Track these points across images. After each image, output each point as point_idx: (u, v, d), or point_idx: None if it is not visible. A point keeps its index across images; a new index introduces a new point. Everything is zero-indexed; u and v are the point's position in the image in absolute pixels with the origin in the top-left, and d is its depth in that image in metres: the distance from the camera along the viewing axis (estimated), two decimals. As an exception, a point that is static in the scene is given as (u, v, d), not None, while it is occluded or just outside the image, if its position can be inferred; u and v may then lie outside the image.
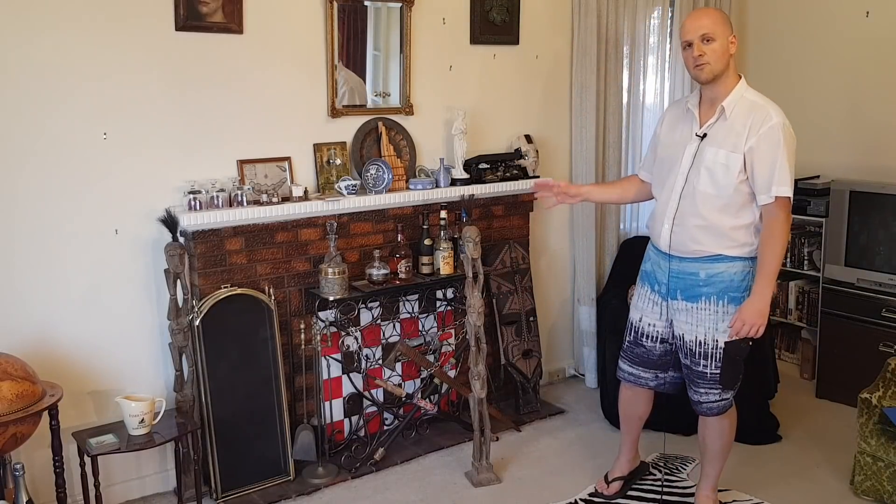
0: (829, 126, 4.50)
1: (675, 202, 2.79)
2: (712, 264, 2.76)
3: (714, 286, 2.76)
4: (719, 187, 2.70)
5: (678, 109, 2.93)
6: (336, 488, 3.34)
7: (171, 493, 3.31)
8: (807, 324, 4.49)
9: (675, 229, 2.79)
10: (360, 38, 3.55)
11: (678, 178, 2.79)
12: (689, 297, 2.81)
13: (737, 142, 2.66)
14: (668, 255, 2.84)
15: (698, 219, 2.74)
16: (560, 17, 4.19)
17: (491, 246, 3.98)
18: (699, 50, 2.67)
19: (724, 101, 2.70)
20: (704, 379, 2.83)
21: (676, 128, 2.87)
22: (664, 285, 2.88)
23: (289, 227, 3.37)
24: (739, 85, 2.73)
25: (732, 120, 2.69)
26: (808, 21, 4.56)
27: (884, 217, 3.99)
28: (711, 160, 2.70)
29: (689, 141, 2.78)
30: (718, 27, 2.66)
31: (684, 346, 2.86)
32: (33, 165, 2.90)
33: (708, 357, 2.80)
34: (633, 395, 3.16)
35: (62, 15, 2.87)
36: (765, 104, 2.68)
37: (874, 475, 3.18)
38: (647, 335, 2.99)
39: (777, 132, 2.62)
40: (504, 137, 4.11)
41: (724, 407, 2.89)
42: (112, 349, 3.14)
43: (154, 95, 3.09)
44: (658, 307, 2.93)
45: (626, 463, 3.28)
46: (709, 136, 2.73)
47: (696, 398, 2.90)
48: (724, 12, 2.81)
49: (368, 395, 3.68)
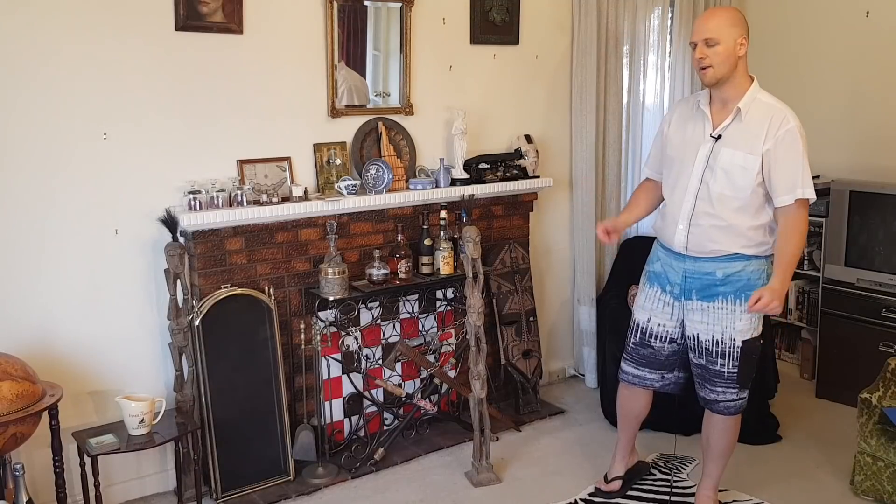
0: (829, 126, 4.49)
1: (691, 203, 2.77)
2: (730, 263, 2.75)
3: (732, 285, 2.76)
4: (736, 188, 2.69)
5: (687, 108, 2.90)
6: (336, 488, 3.34)
7: (171, 493, 3.31)
8: (807, 324, 4.49)
9: (692, 230, 2.77)
10: (359, 38, 3.55)
11: (692, 178, 2.77)
12: (704, 297, 2.81)
13: (754, 143, 2.65)
14: (683, 256, 2.82)
15: (715, 219, 2.73)
16: (560, 17, 4.19)
17: (491, 246, 3.98)
18: (701, 52, 2.66)
19: (740, 103, 2.69)
20: (722, 378, 2.83)
21: (686, 127, 2.85)
22: (677, 286, 2.87)
23: (289, 227, 3.37)
24: (753, 86, 2.72)
25: (748, 122, 2.68)
26: (808, 21, 4.56)
27: (884, 217, 3.99)
28: (728, 162, 2.69)
29: (702, 141, 2.76)
30: (724, 30, 2.64)
31: (699, 345, 2.85)
32: (33, 165, 2.90)
33: (725, 356, 2.80)
34: (631, 394, 3.15)
35: (62, 15, 2.88)
36: (781, 107, 2.69)
37: (874, 475, 3.18)
38: (657, 336, 2.97)
39: (795, 135, 2.64)
40: (504, 137, 4.11)
41: (740, 406, 2.89)
42: (112, 349, 3.14)
43: (154, 95, 3.09)
44: (670, 307, 2.92)
45: (622, 462, 3.28)
46: (724, 137, 2.71)
47: (712, 397, 2.88)
48: (740, 12, 2.75)
49: (368, 395, 3.68)
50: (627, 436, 3.25)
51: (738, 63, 2.68)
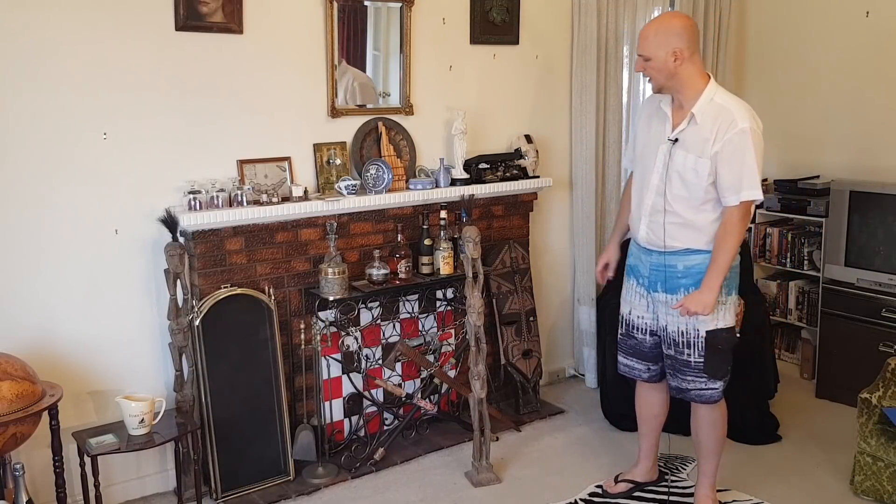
0: (829, 126, 4.50)
1: (651, 199, 2.86)
2: (689, 256, 2.83)
3: (692, 277, 2.83)
4: (690, 189, 2.76)
5: (652, 106, 2.95)
6: (336, 488, 3.34)
7: (171, 493, 3.31)
8: (807, 324, 4.49)
9: (652, 226, 2.87)
10: (359, 38, 3.55)
11: (653, 176, 2.85)
12: (668, 289, 2.89)
13: (704, 147, 2.71)
14: (647, 250, 2.92)
15: (674, 216, 2.82)
16: (560, 17, 4.19)
17: (491, 246, 3.98)
18: (639, 66, 2.76)
19: (694, 108, 2.72)
20: (690, 367, 2.90)
21: (651, 124, 2.93)
22: (646, 278, 2.96)
23: (289, 227, 3.37)
24: (708, 88, 2.73)
25: (702, 124, 2.72)
26: (808, 21, 4.56)
27: (884, 217, 3.99)
28: (682, 164, 2.76)
29: (661, 142, 2.84)
30: (652, 47, 2.70)
31: (668, 336, 2.93)
32: (33, 165, 2.90)
33: (691, 346, 2.87)
34: (644, 392, 3.19)
35: (62, 14, 2.87)
36: (731, 108, 2.69)
37: (874, 475, 3.18)
38: (637, 328, 3.05)
39: (742, 137, 2.64)
40: (504, 137, 4.11)
41: (712, 396, 2.92)
42: (112, 349, 3.14)
43: (154, 95, 3.09)
44: (645, 300, 3.00)
45: (644, 471, 3.29)
46: (680, 140, 2.77)
47: (683, 386, 2.94)
48: (679, 21, 2.73)
49: (368, 395, 3.68)
50: (648, 441, 3.26)
51: (677, 72, 2.71)
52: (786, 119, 4.72)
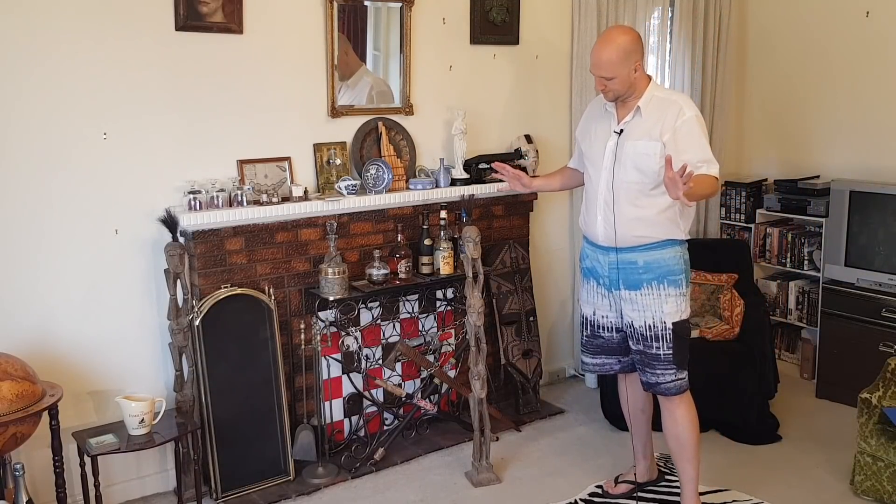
0: (829, 126, 4.50)
1: (604, 196, 2.91)
2: (648, 252, 2.88)
3: (653, 272, 2.88)
4: (645, 174, 2.84)
5: (595, 109, 3.06)
6: (336, 488, 3.34)
7: (171, 493, 3.31)
8: (807, 324, 4.49)
9: (609, 222, 2.91)
10: (360, 38, 3.56)
11: (603, 172, 2.92)
12: (631, 286, 2.92)
13: (652, 132, 2.82)
14: (605, 249, 2.95)
15: (628, 208, 2.87)
16: (560, 17, 4.19)
17: (491, 246, 3.98)
18: (600, 85, 2.86)
19: (640, 102, 2.86)
20: (659, 360, 2.93)
21: (592, 126, 3.03)
22: (606, 278, 2.99)
23: (289, 227, 3.37)
24: (650, 85, 2.88)
25: (647, 116, 2.85)
26: (808, 21, 4.56)
27: (884, 217, 3.99)
28: (633, 151, 2.85)
29: (607, 138, 2.92)
30: (616, 67, 2.78)
31: (635, 332, 2.96)
32: (33, 165, 2.90)
33: (660, 339, 2.91)
34: (626, 387, 3.19)
35: (62, 14, 2.88)
36: (677, 100, 2.85)
37: (874, 475, 3.18)
38: (603, 327, 3.08)
39: (693, 123, 2.79)
40: (504, 137, 4.11)
41: (680, 387, 2.95)
42: (112, 349, 3.14)
43: (154, 95, 3.09)
44: (607, 299, 3.04)
45: (643, 471, 3.28)
46: (625, 131, 2.87)
47: (654, 380, 2.96)
48: (629, 36, 2.83)
49: (368, 395, 3.68)
50: (640, 438, 3.26)
51: (635, 80, 2.84)
52: (786, 119, 4.72)
